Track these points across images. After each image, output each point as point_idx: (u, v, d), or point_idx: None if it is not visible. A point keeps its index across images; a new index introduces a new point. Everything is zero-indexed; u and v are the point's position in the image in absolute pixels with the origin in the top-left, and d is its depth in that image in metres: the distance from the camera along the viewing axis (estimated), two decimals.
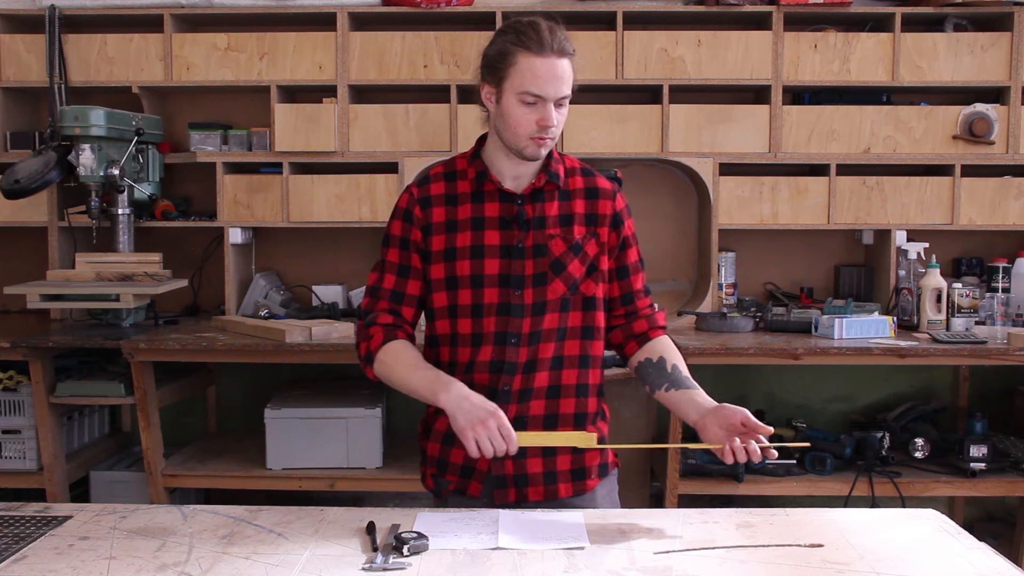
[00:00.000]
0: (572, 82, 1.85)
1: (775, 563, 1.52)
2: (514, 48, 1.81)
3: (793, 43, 3.47)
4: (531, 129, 1.82)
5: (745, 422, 1.71)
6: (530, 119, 1.82)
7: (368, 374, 1.93)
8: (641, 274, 2.00)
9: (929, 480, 3.21)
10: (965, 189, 3.48)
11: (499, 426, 1.72)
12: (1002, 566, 1.51)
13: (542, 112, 1.81)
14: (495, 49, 1.85)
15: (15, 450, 3.24)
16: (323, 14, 3.51)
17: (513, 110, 1.82)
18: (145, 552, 1.55)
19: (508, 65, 1.81)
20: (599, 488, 1.96)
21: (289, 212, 3.51)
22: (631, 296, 1.98)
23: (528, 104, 1.81)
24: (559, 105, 1.83)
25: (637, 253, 1.99)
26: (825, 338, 3.18)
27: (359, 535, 1.63)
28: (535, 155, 1.85)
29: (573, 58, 1.84)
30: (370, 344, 1.89)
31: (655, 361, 1.92)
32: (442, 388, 1.78)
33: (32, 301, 3.14)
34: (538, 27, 1.82)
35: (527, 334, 1.87)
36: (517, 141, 1.84)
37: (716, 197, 3.49)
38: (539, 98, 1.81)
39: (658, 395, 1.90)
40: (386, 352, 1.87)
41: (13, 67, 3.54)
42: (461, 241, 1.89)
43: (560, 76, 1.81)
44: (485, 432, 1.71)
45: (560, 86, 1.81)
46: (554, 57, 1.80)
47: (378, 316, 1.91)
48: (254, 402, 3.45)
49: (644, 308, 1.99)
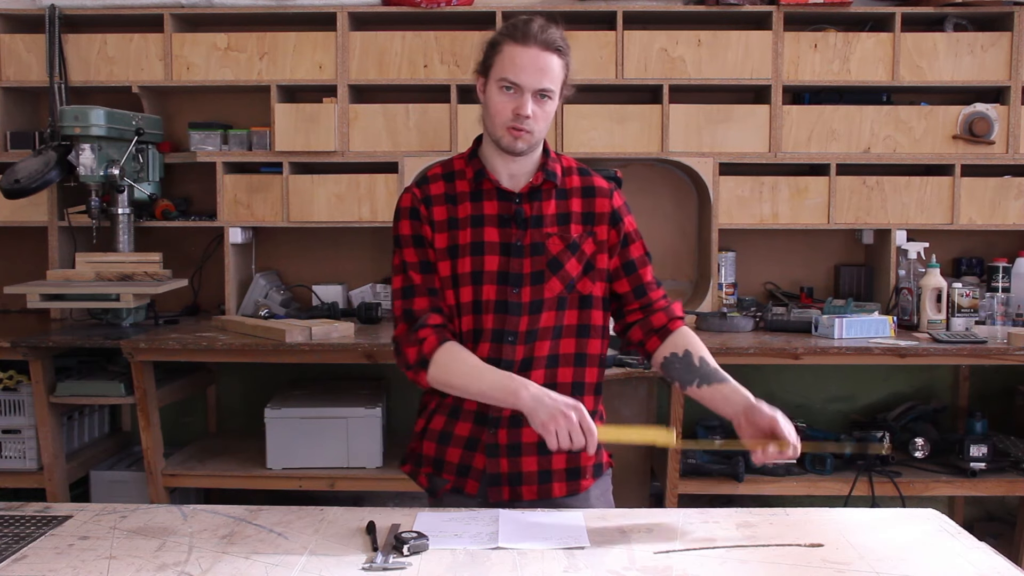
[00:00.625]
0: (561, 80, 1.85)
1: (775, 563, 1.52)
2: (501, 38, 1.85)
3: (793, 43, 3.47)
4: (507, 117, 1.83)
5: (775, 431, 1.71)
6: (507, 107, 1.82)
7: (420, 380, 1.86)
8: (649, 267, 1.98)
9: (929, 480, 3.21)
10: (965, 189, 3.48)
11: (580, 420, 1.70)
12: (1002, 566, 1.51)
13: (518, 100, 1.82)
14: (488, 40, 1.89)
15: (15, 450, 3.24)
16: (323, 14, 3.51)
17: (493, 98, 1.84)
18: (145, 552, 1.55)
19: (495, 54, 1.85)
20: (593, 488, 1.95)
21: (289, 212, 3.51)
22: (643, 288, 1.95)
23: (506, 92, 1.82)
24: (541, 99, 1.83)
25: (642, 248, 1.97)
26: (825, 338, 3.18)
27: (359, 535, 1.63)
28: (511, 146, 1.85)
29: (563, 56, 1.84)
30: (422, 348, 1.83)
31: (681, 356, 1.89)
32: (521, 386, 1.76)
33: (32, 301, 3.15)
34: (529, 22, 1.84)
35: (523, 332, 1.87)
36: (495, 130, 1.86)
37: (716, 197, 3.49)
38: (516, 86, 1.81)
39: (689, 391, 1.87)
40: (444, 355, 1.82)
41: (13, 67, 3.54)
42: (462, 239, 1.89)
43: (541, 68, 1.81)
44: (567, 424, 1.69)
45: (539, 77, 1.81)
46: (536, 48, 1.81)
47: (428, 317, 1.85)
48: (254, 402, 3.45)
49: (659, 300, 1.96)
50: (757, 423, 1.73)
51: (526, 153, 1.88)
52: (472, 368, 1.82)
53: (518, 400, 1.75)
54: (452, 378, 1.82)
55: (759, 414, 1.74)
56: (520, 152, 1.87)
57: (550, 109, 1.86)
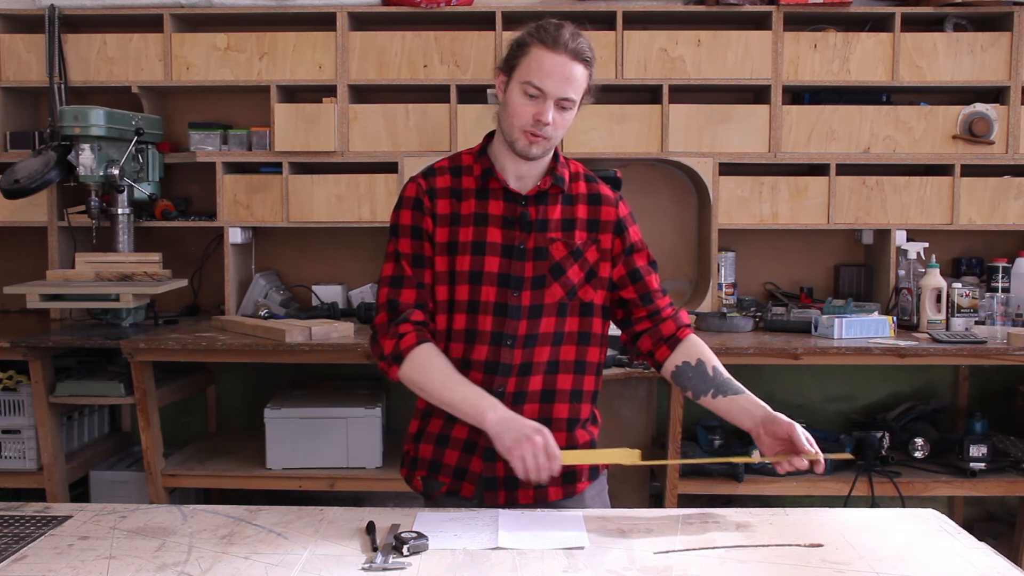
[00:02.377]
0: (583, 90, 1.84)
1: (775, 563, 1.52)
2: (530, 39, 1.82)
3: (793, 43, 3.47)
4: (526, 121, 1.81)
5: (793, 438, 1.74)
6: (528, 111, 1.81)
7: (390, 374, 1.84)
8: (655, 275, 1.96)
9: (929, 480, 3.21)
10: (965, 189, 3.48)
11: (545, 445, 1.71)
12: (1002, 566, 1.51)
13: (540, 107, 1.80)
14: (515, 39, 1.86)
15: (15, 450, 3.24)
16: (323, 14, 3.51)
17: (515, 99, 1.82)
18: (145, 552, 1.55)
19: (521, 55, 1.82)
20: (588, 491, 1.95)
21: (289, 212, 3.51)
22: (649, 296, 1.93)
23: (530, 96, 1.81)
24: (562, 107, 1.82)
25: (647, 257, 1.96)
26: (825, 338, 3.18)
27: (359, 535, 1.63)
28: (525, 150, 1.83)
29: (589, 66, 1.83)
30: (400, 343, 1.81)
31: (694, 365, 1.88)
32: (490, 408, 1.75)
33: (32, 301, 3.14)
34: (561, 27, 1.82)
35: (522, 336, 1.86)
36: (512, 132, 1.84)
37: (716, 197, 3.49)
38: (540, 91, 1.80)
39: (703, 400, 1.87)
40: (420, 355, 1.80)
41: (13, 67, 3.54)
42: (463, 236, 1.88)
43: (567, 76, 1.80)
44: (532, 449, 1.70)
45: (564, 86, 1.80)
46: (565, 56, 1.79)
47: (412, 313, 1.84)
48: (254, 402, 3.45)
49: (666, 308, 1.95)
50: (776, 434, 1.77)
51: (539, 158, 1.87)
52: (446, 376, 1.80)
53: (484, 421, 1.75)
54: (424, 381, 1.81)
55: (778, 425, 1.77)
56: (534, 157, 1.85)
57: (569, 117, 1.84)
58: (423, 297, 1.87)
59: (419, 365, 1.80)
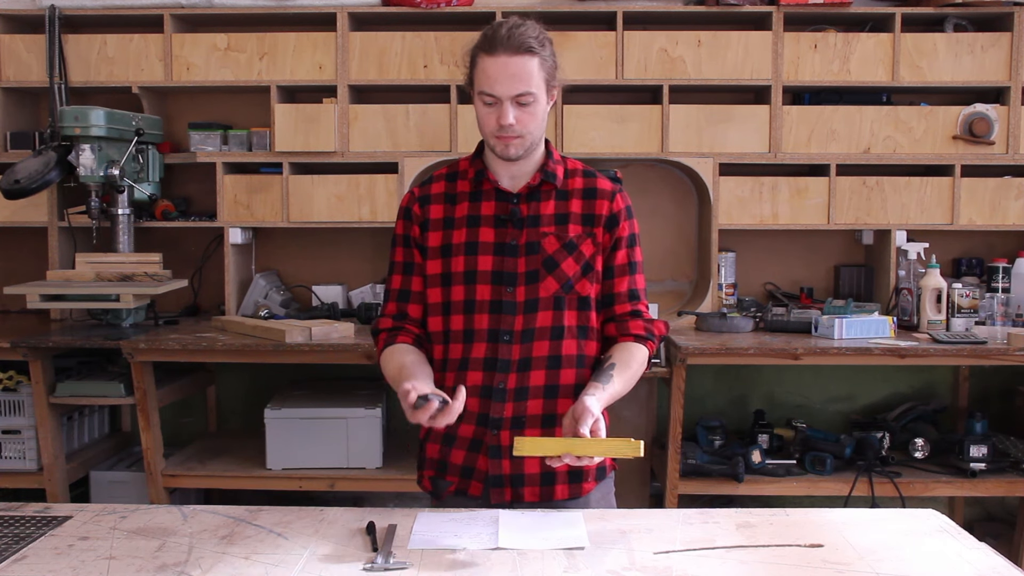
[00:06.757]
0: (543, 78, 1.83)
1: (775, 563, 1.52)
2: (475, 50, 1.86)
3: (793, 43, 3.47)
4: (492, 128, 1.84)
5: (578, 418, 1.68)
6: (490, 118, 1.84)
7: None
8: (627, 277, 1.94)
9: (929, 480, 3.21)
10: (965, 189, 3.48)
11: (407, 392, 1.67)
12: (1002, 566, 1.51)
13: (499, 111, 1.82)
14: (468, 54, 1.89)
15: (15, 450, 3.24)
16: (323, 14, 3.51)
17: (478, 110, 1.86)
18: (145, 552, 1.55)
19: (473, 67, 1.87)
20: (595, 492, 1.95)
21: (289, 212, 3.51)
22: (611, 298, 1.94)
23: (488, 104, 1.83)
24: (522, 104, 1.82)
25: (627, 256, 1.94)
26: (825, 338, 3.18)
27: (359, 535, 1.63)
28: (503, 153, 1.86)
29: (538, 53, 1.81)
30: (376, 347, 1.97)
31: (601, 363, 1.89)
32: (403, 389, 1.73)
33: (32, 301, 3.14)
34: (498, 27, 1.83)
35: (519, 331, 1.87)
36: (487, 139, 1.88)
37: (716, 197, 3.49)
38: (493, 97, 1.82)
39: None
40: (383, 358, 1.93)
41: (13, 67, 3.54)
42: (456, 238, 1.91)
43: (513, 74, 1.80)
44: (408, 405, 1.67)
45: (513, 84, 1.80)
46: (505, 55, 1.79)
47: (380, 321, 1.97)
48: (254, 402, 3.45)
49: (621, 313, 1.94)
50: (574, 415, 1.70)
51: (523, 157, 1.88)
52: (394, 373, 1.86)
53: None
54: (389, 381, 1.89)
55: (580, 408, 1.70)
56: (515, 157, 1.87)
57: (536, 110, 1.84)
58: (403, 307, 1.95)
59: (383, 367, 1.92)
